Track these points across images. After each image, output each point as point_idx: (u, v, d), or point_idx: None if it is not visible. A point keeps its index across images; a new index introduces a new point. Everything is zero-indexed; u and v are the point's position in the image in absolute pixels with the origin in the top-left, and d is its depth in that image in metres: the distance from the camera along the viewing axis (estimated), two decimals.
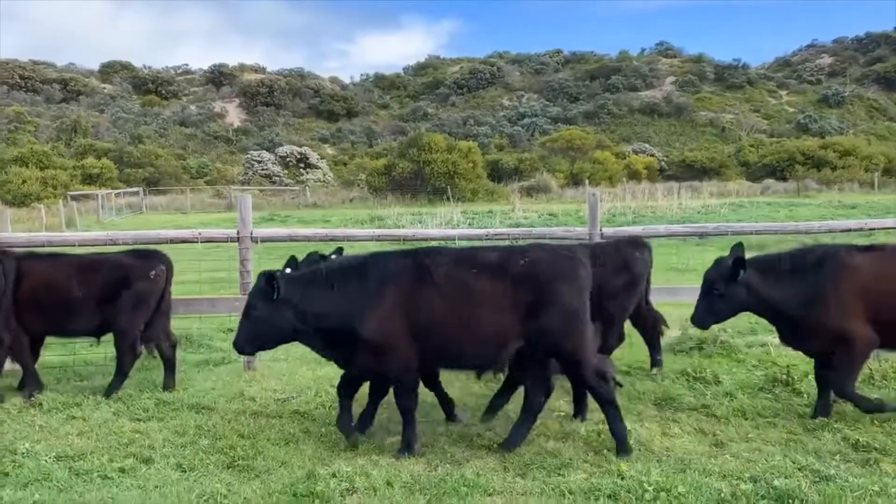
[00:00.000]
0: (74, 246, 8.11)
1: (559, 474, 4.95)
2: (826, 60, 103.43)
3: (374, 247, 11.42)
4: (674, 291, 9.02)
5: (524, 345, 5.33)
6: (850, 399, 5.82)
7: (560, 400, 6.60)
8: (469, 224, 26.36)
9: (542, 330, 5.25)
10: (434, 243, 10.17)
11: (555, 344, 5.31)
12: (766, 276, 5.93)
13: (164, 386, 7.04)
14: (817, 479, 4.73)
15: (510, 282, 5.26)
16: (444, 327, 5.22)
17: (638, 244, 7.22)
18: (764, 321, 9.21)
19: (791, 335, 6.07)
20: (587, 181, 49.76)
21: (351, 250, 7.37)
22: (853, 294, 5.74)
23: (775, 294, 5.88)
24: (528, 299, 5.24)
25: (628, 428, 5.63)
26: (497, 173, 55.72)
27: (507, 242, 8.04)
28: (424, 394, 6.95)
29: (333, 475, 4.82)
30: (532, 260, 5.37)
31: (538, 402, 5.61)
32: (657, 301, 8.67)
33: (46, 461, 5.22)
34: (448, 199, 37.36)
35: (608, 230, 8.81)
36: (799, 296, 5.80)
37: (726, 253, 6.27)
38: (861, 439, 5.45)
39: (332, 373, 5.97)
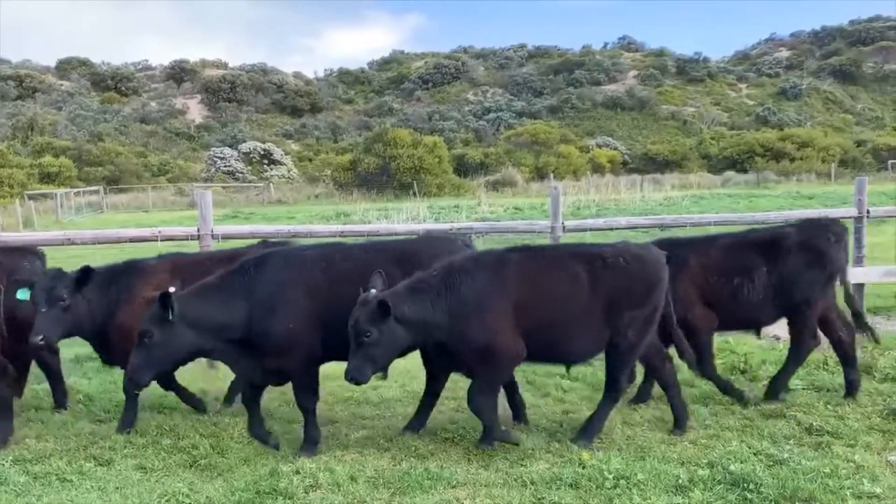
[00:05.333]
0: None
1: (521, 464, 5.01)
2: (784, 54, 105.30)
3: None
4: None
5: None
6: None
7: (523, 392, 6.66)
8: (435, 219, 26.37)
9: None
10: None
11: None
12: None
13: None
14: (771, 463, 4.87)
15: None
16: None
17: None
18: None
19: None
20: (552, 175, 50.09)
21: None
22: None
23: None
24: None
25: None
26: (463, 168, 55.75)
27: (471, 237, 8.05)
28: (386, 388, 6.99)
29: (297, 472, 4.82)
30: None
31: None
32: None
33: (3, 465, 5.13)
34: (414, 194, 37.32)
35: (570, 223, 8.91)
36: None
37: None
38: (815, 424, 5.61)
39: None
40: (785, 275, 6.06)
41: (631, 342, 5.39)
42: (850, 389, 6.26)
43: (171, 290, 5.01)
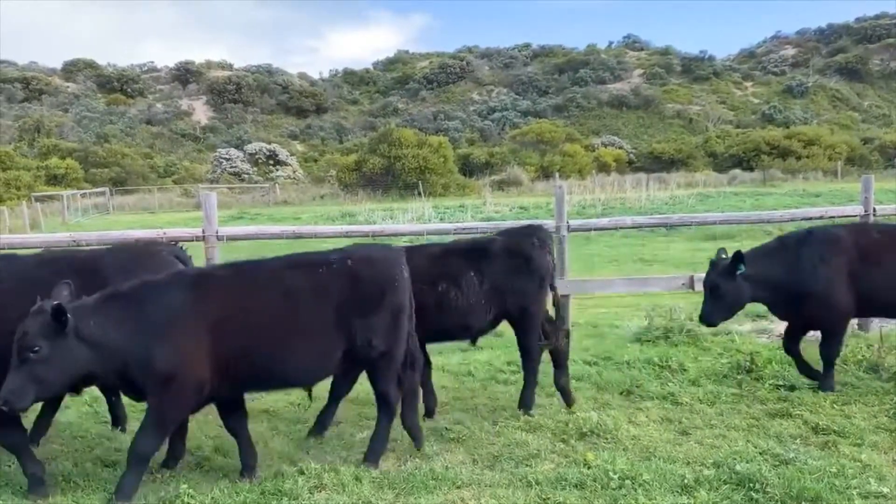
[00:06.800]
0: (38, 249, 7.98)
1: (527, 465, 5.00)
2: (789, 52, 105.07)
3: (345, 244, 11.40)
4: (644, 282, 9.18)
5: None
6: None
7: None
8: (440, 219, 26.36)
9: None
10: (404, 239, 10.19)
11: None
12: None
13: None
14: (778, 463, 4.84)
15: None
16: None
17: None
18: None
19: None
20: (557, 174, 50.06)
21: (321, 247, 7.31)
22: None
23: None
24: None
25: (595, 419, 5.70)
26: (468, 168, 55.80)
27: (476, 236, 8.05)
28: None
29: (301, 472, 4.82)
30: None
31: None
32: (628, 291, 8.73)
33: (9, 467, 5.15)
34: (419, 194, 37.34)
35: (575, 222, 8.90)
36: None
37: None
38: (821, 423, 5.57)
39: None
40: (494, 282, 5.90)
41: (380, 350, 4.97)
42: (565, 397, 6.22)
43: None
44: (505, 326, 6.37)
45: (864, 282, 6.30)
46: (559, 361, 6.26)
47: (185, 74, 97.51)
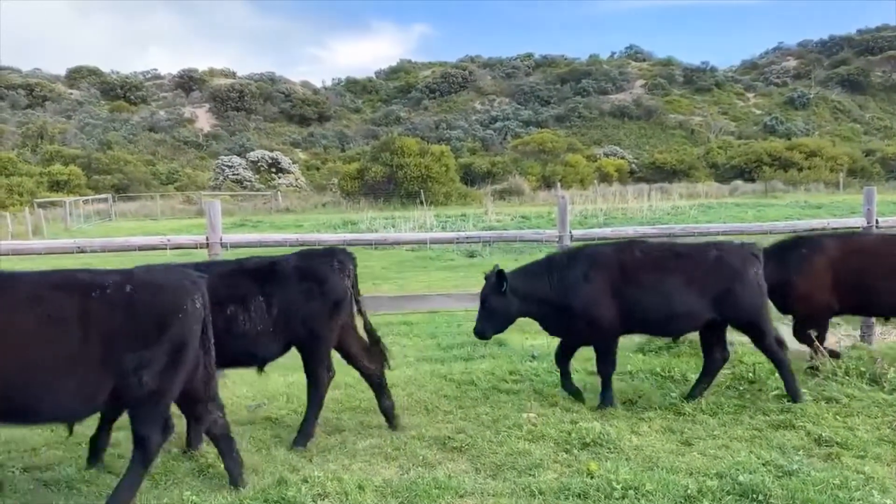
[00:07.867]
0: (41, 255, 8.01)
1: (530, 474, 5.00)
2: (791, 63, 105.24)
3: None
4: None
5: None
6: None
7: (531, 401, 6.66)
8: (442, 227, 26.40)
9: None
10: (406, 247, 10.21)
11: None
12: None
13: None
14: (781, 474, 4.84)
15: None
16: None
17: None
18: None
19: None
20: (559, 184, 50.14)
21: None
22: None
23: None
24: None
25: (598, 429, 5.70)
26: (470, 177, 55.89)
27: (478, 245, 8.08)
28: (398, 398, 6.98)
29: (305, 480, 4.83)
30: None
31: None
32: None
33: (13, 473, 5.16)
34: (421, 202, 37.38)
35: (578, 232, 8.92)
36: None
37: None
38: (824, 434, 5.57)
39: (303, 379, 5.97)
40: (283, 305, 5.57)
41: (149, 388, 4.36)
42: (388, 417, 6.06)
43: None
44: (508, 334, 6.37)
45: (625, 299, 6.35)
46: (380, 385, 6.08)
47: (188, 82, 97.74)
